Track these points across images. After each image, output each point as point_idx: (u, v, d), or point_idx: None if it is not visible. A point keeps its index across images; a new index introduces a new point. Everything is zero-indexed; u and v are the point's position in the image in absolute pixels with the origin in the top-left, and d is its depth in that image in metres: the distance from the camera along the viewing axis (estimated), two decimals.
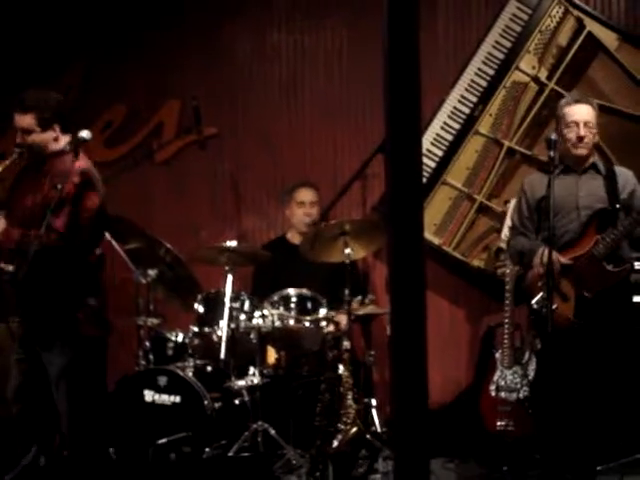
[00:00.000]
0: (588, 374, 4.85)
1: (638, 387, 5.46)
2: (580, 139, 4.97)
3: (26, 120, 4.96)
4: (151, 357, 5.90)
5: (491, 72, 6.36)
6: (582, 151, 5.00)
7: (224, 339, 5.68)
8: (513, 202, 5.50)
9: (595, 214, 4.94)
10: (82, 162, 4.93)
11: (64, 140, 5.02)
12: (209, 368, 5.82)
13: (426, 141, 6.29)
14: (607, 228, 4.89)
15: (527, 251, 5.05)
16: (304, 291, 5.90)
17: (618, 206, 4.93)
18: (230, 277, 5.80)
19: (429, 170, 6.36)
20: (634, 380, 5.42)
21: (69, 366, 4.92)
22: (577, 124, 4.98)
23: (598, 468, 5.02)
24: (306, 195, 6.49)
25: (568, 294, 4.87)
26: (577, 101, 5.12)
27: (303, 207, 6.46)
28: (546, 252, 4.73)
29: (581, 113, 5.03)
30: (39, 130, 4.95)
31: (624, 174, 5.13)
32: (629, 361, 5.12)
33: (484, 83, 6.37)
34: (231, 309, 5.74)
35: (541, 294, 4.82)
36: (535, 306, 4.90)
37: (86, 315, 4.95)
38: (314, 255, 5.77)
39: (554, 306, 4.63)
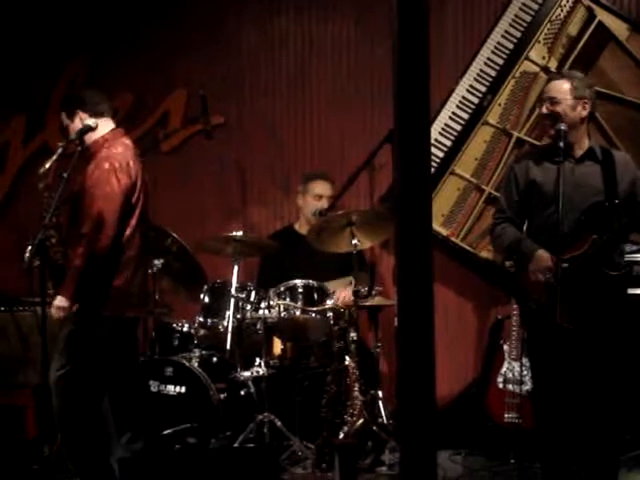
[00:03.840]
0: (585, 373, 4.62)
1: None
2: (543, 116, 4.78)
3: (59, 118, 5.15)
4: (157, 347, 5.89)
5: (500, 62, 6.33)
6: (548, 130, 4.73)
7: (230, 330, 5.67)
8: None
9: (590, 209, 4.58)
10: (110, 149, 4.94)
11: (105, 124, 5.04)
12: (215, 359, 5.81)
13: (434, 131, 6.27)
14: (603, 225, 4.54)
15: (516, 248, 4.75)
16: (311, 282, 5.88)
17: (616, 201, 4.58)
18: (236, 267, 5.79)
19: (437, 160, 6.34)
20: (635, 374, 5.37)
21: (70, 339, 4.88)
22: (542, 101, 4.77)
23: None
24: (324, 189, 6.44)
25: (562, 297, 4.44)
26: (550, 79, 4.95)
27: (319, 200, 6.40)
28: (544, 257, 4.55)
29: (548, 89, 4.78)
30: (69, 122, 5.03)
31: (622, 160, 4.77)
32: (627, 356, 4.91)
33: (493, 73, 6.34)
34: (237, 299, 5.73)
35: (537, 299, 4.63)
36: (533, 306, 4.73)
37: (110, 295, 4.90)
38: (321, 245, 5.76)
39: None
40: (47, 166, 4.86)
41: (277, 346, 5.97)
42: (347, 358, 5.48)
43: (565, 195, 4.43)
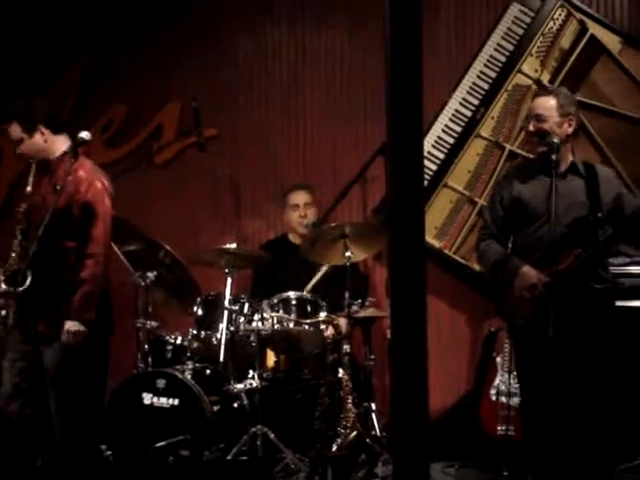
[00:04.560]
0: (575, 387, 4.58)
1: (632, 390, 5.43)
2: (529, 134, 4.78)
3: (13, 130, 5.00)
4: (150, 360, 5.88)
5: (493, 75, 6.35)
6: (536, 147, 4.72)
7: (223, 342, 5.67)
8: None
9: (575, 223, 4.58)
10: (83, 164, 4.94)
11: (63, 142, 5.02)
12: (208, 371, 5.80)
13: (427, 144, 6.28)
14: (588, 239, 4.55)
15: (500, 266, 4.72)
16: (304, 294, 5.89)
17: (600, 215, 4.58)
18: (229, 280, 5.78)
19: (430, 173, 6.35)
20: (627, 384, 5.36)
21: (64, 362, 4.91)
22: (529, 118, 4.77)
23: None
24: (299, 197, 6.50)
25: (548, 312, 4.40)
26: (536, 94, 4.96)
27: (297, 210, 6.47)
28: (530, 274, 4.56)
29: (534, 106, 4.76)
30: (27, 137, 4.96)
31: (606, 175, 4.78)
32: (616, 367, 4.88)
33: (486, 86, 6.36)
34: (230, 312, 5.72)
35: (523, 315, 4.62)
36: (520, 322, 4.70)
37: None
38: (314, 257, 5.76)
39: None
40: (29, 189, 4.89)
41: (270, 358, 5.96)
42: (340, 370, 5.47)
43: (550, 209, 4.46)
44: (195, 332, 5.88)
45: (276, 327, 5.76)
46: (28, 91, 7.04)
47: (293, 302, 5.86)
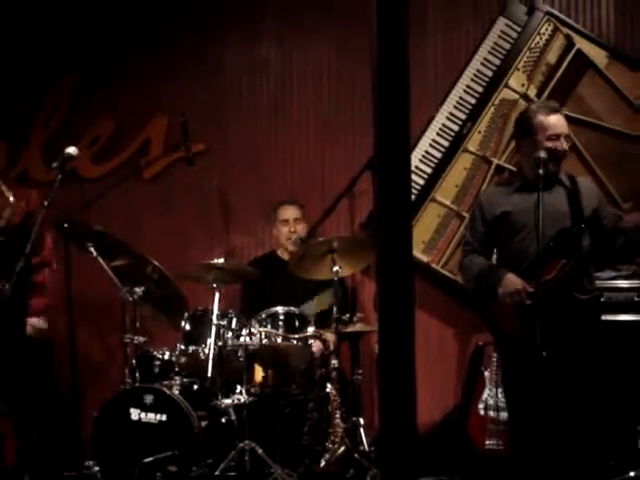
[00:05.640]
0: (560, 399, 4.57)
1: (618, 404, 5.43)
2: (564, 154, 4.73)
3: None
4: (137, 375, 5.86)
5: (480, 89, 6.37)
6: (554, 166, 4.68)
7: (211, 357, 5.65)
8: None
9: (558, 235, 4.59)
10: None
11: None
12: (196, 386, 5.79)
13: (415, 158, 6.29)
14: (571, 250, 4.56)
15: (485, 275, 4.74)
16: (292, 309, 5.88)
17: (583, 225, 4.61)
18: (217, 295, 5.77)
19: (418, 187, 6.36)
20: (613, 397, 5.36)
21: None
22: (559, 137, 4.68)
23: None
24: (288, 212, 6.49)
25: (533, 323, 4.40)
26: (555, 110, 4.81)
27: (287, 225, 6.46)
28: (513, 280, 4.58)
29: (563, 125, 4.74)
30: None
31: (588, 188, 4.81)
32: (602, 380, 4.88)
33: (473, 100, 6.38)
34: (218, 327, 5.71)
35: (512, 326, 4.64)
36: (506, 336, 4.70)
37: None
38: (302, 272, 5.76)
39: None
40: None
41: (258, 373, 5.95)
42: (328, 385, 5.47)
43: (535, 222, 4.47)
44: (183, 347, 5.87)
45: (264, 342, 5.75)
46: (16, 106, 7.05)
47: (281, 317, 5.85)
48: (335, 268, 5.54)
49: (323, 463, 5.28)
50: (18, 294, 4.88)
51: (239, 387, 5.69)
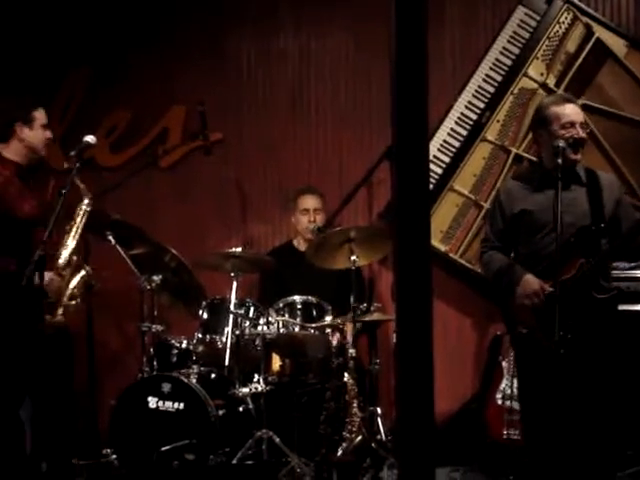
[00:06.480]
0: (579, 394, 4.51)
1: (634, 393, 5.40)
2: (582, 141, 4.62)
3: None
4: (155, 364, 5.88)
5: (499, 78, 6.34)
6: (579, 156, 4.62)
7: (228, 346, 5.66)
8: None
9: (578, 233, 4.54)
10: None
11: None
12: (213, 375, 5.80)
13: (433, 147, 6.27)
14: (591, 249, 4.51)
15: (504, 272, 4.71)
16: (309, 298, 5.88)
17: (602, 225, 4.54)
18: (235, 284, 5.78)
19: (436, 177, 6.34)
20: (631, 387, 5.33)
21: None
22: (573, 125, 4.60)
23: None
24: (309, 202, 6.47)
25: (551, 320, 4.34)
26: (569, 100, 4.75)
27: (307, 214, 6.44)
28: (532, 281, 4.55)
29: (577, 113, 4.67)
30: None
31: (609, 182, 4.73)
32: (620, 372, 4.83)
33: (492, 89, 6.35)
34: (236, 316, 5.72)
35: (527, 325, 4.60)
36: (523, 331, 4.69)
37: None
38: (319, 261, 5.75)
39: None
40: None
41: (276, 362, 5.96)
42: (346, 374, 5.47)
43: (554, 221, 4.42)
44: (200, 336, 5.88)
45: (281, 331, 5.76)
46: (31, 97, 7.06)
47: (298, 306, 5.86)
48: (352, 258, 5.53)
49: (340, 452, 5.28)
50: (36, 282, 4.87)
51: (256, 376, 5.69)
